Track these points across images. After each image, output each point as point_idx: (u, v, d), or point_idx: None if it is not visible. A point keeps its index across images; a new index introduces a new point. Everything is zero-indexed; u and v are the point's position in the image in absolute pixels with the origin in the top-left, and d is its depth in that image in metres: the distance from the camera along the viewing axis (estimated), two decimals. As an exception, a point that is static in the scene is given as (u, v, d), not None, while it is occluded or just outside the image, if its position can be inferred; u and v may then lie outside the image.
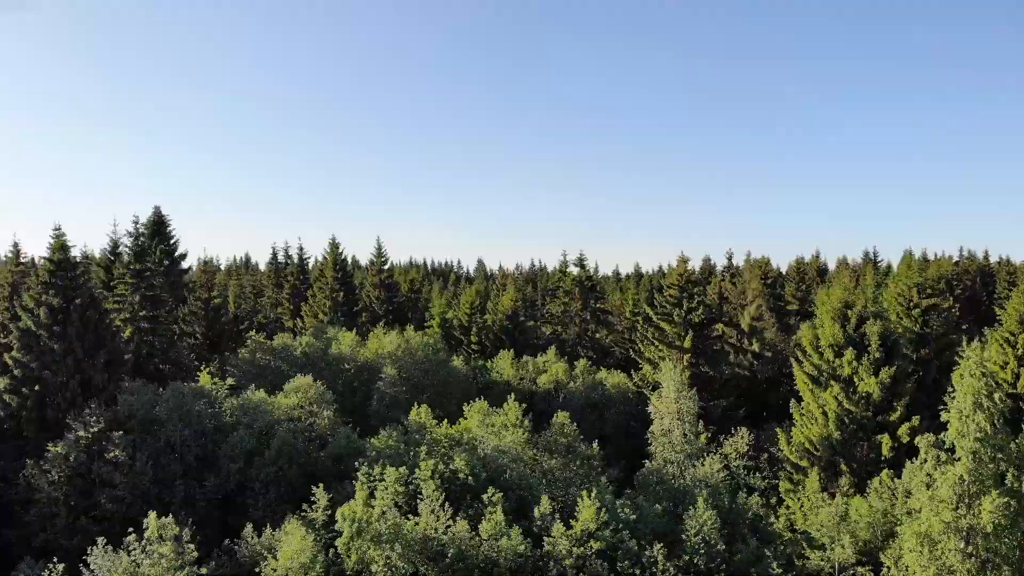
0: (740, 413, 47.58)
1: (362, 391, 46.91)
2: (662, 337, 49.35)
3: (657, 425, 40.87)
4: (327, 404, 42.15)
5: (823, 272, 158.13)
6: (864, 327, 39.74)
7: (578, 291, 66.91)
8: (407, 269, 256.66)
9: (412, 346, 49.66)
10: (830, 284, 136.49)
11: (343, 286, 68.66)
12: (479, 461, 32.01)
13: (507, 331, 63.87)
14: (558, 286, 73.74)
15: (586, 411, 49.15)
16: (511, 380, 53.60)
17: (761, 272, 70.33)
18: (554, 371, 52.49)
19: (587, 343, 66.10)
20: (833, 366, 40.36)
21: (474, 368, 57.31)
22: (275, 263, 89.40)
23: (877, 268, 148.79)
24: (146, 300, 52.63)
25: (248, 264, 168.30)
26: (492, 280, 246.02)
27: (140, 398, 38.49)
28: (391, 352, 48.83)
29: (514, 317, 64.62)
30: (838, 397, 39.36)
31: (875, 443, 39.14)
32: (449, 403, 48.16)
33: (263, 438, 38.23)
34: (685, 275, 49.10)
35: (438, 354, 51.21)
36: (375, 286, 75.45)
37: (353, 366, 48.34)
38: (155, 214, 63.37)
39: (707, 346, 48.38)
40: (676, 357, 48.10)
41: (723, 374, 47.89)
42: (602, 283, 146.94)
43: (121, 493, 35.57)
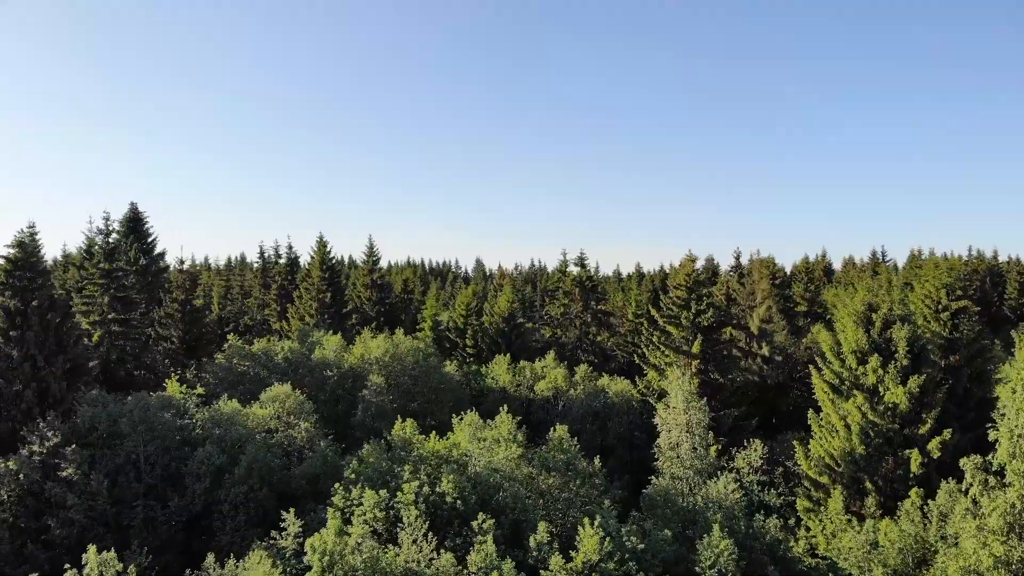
0: (752, 423, 44.46)
1: (346, 400, 43.81)
2: (668, 342, 46.23)
3: (664, 438, 37.76)
4: (306, 415, 39.08)
5: (829, 272, 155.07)
6: (890, 332, 36.60)
7: (578, 292, 63.77)
8: (403, 269, 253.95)
9: (401, 351, 46.54)
10: (838, 284, 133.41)
11: (330, 287, 65.47)
12: (469, 482, 28.88)
13: (503, 334, 60.74)
14: (557, 287, 70.63)
15: (587, 421, 46.08)
16: (507, 387, 50.50)
17: (769, 272, 67.25)
18: (553, 377, 49.39)
19: (588, 346, 62.98)
20: (856, 374, 37.22)
21: (468, 374, 54.19)
22: (263, 262, 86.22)
23: (884, 268, 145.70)
24: (116, 301, 49.59)
25: (244, 264, 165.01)
26: (490, 280, 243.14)
27: (101, 409, 35.34)
28: (378, 358, 45.72)
29: (511, 319, 61.49)
30: (862, 408, 36.22)
31: (903, 459, 36.00)
32: (441, 412, 45.06)
33: (235, 453, 35.11)
34: (692, 275, 45.99)
35: (429, 359, 48.10)
36: (366, 287, 72.28)
37: (337, 373, 45.21)
38: (131, 211, 60.25)
39: (717, 351, 45.27)
40: (683, 363, 44.99)
41: (734, 381, 44.80)
42: (603, 283, 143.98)
43: (74, 515, 32.48)
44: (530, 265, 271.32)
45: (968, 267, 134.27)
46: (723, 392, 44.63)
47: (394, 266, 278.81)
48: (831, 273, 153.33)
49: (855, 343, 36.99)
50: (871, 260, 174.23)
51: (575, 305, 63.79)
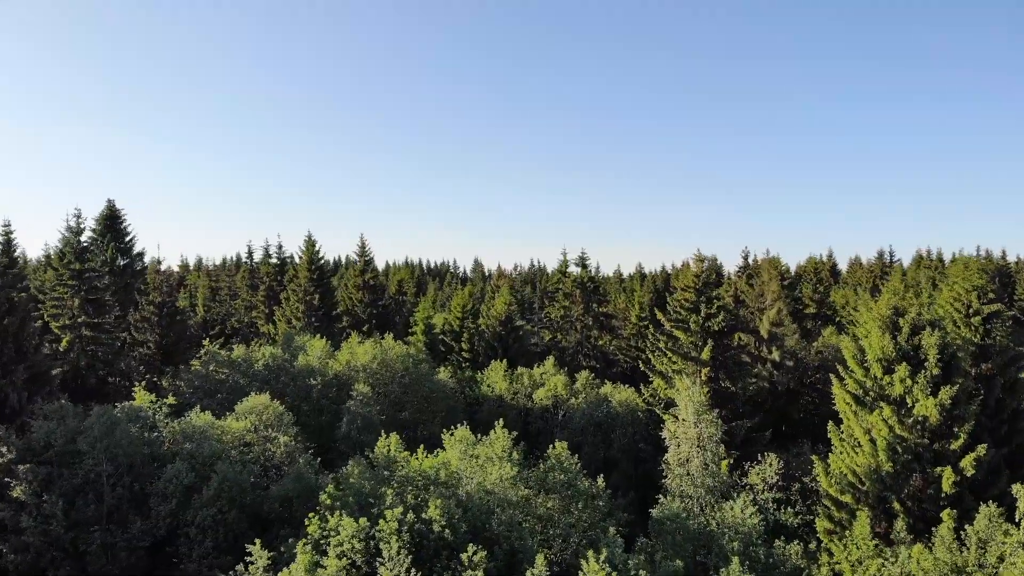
0: (767, 435, 41.70)
1: (331, 410, 41.04)
2: (676, 347, 43.45)
3: (673, 453, 34.99)
4: (286, 427, 36.31)
5: (835, 272, 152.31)
6: (919, 338, 33.80)
7: (579, 293, 60.97)
8: (400, 269, 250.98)
9: (390, 358, 43.76)
10: (845, 285, 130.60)
11: (319, 288, 62.67)
12: (459, 507, 26.09)
13: (500, 338, 57.96)
14: (557, 288, 67.86)
15: (588, 432, 43.32)
16: (504, 395, 47.73)
17: (778, 273, 64.48)
18: (552, 385, 46.62)
19: (589, 351, 60.21)
20: (881, 384, 34.43)
21: (462, 381, 51.40)
22: (250, 263, 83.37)
23: (899, 269, 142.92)
24: (88, 304, 46.78)
25: (239, 264, 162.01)
26: (488, 280, 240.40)
27: (57, 424, 32.51)
28: (365, 365, 42.93)
29: (508, 323, 58.71)
30: (889, 421, 33.42)
31: (933, 477, 33.19)
32: (432, 422, 42.32)
33: (206, 471, 32.31)
34: (701, 276, 43.21)
35: (420, 366, 45.31)
36: (358, 288, 69.46)
37: (321, 381, 42.42)
38: (108, 208, 57.43)
39: (727, 357, 42.52)
40: (692, 370, 42.22)
41: (746, 390, 42.04)
42: (605, 284, 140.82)
43: (29, 539, 29.73)
44: (530, 265, 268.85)
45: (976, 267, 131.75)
46: (735, 401, 41.87)
47: (392, 266, 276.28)
48: (837, 274, 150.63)
49: (881, 350, 34.20)
50: (877, 260, 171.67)
51: (576, 308, 61.00)
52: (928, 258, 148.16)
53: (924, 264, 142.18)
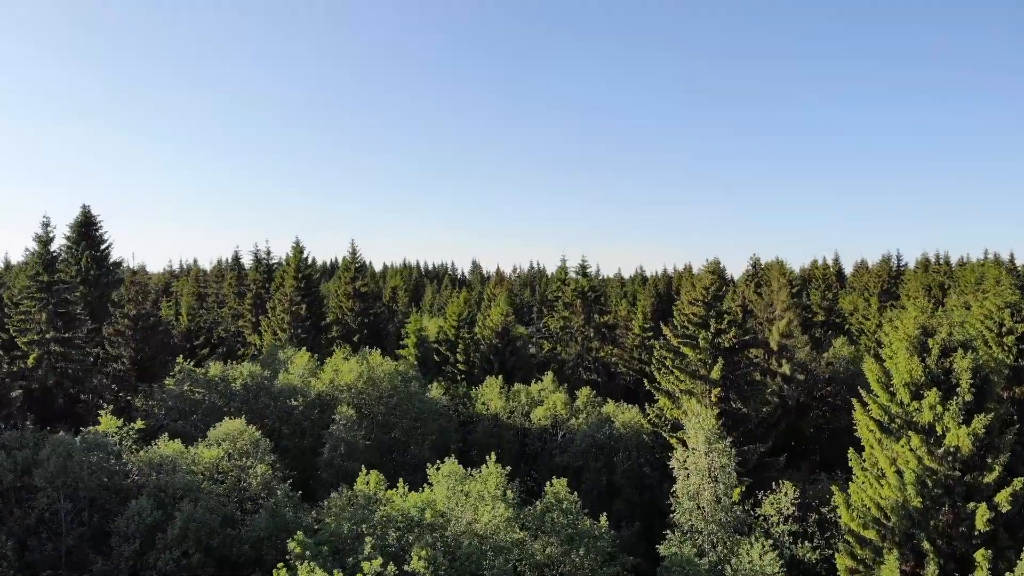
0: (781, 460, 39.16)
1: (313, 433, 38.50)
2: (683, 365, 40.91)
3: (682, 485, 32.44)
4: (262, 455, 33.73)
5: (841, 277, 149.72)
6: (950, 360, 31.24)
7: (579, 304, 58.37)
8: (399, 271, 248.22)
9: (377, 376, 41.18)
10: (852, 290, 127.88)
11: (306, 298, 60.07)
12: (447, 555, 23.52)
13: (497, 351, 55.41)
14: (557, 296, 65.25)
15: (590, 456, 40.79)
16: (500, 413, 45.20)
17: (787, 281, 61.92)
18: (552, 403, 44.09)
19: (590, 364, 57.65)
20: (909, 410, 31.88)
21: (456, 397, 48.83)
22: (238, 268, 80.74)
23: (901, 273, 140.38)
24: (57, 318, 44.16)
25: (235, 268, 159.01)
26: (487, 283, 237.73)
27: (9, 455, 29.96)
28: (350, 384, 40.36)
29: (505, 334, 56.16)
30: (917, 452, 30.85)
31: (965, 512, 30.60)
32: (422, 445, 39.76)
33: (174, 507, 29.75)
34: (711, 290, 40.66)
35: (410, 384, 42.73)
36: (348, 296, 66.83)
37: (303, 402, 39.85)
38: (82, 214, 54.79)
39: (739, 376, 39.97)
40: (701, 390, 39.67)
41: (759, 412, 39.49)
42: (605, 291, 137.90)
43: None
44: (529, 267, 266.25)
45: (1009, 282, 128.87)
46: (747, 423, 39.34)
47: (390, 268, 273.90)
48: (843, 278, 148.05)
49: (908, 374, 31.65)
50: (882, 264, 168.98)
51: (576, 318, 58.42)
52: (936, 262, 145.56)
53: (932, 268, 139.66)
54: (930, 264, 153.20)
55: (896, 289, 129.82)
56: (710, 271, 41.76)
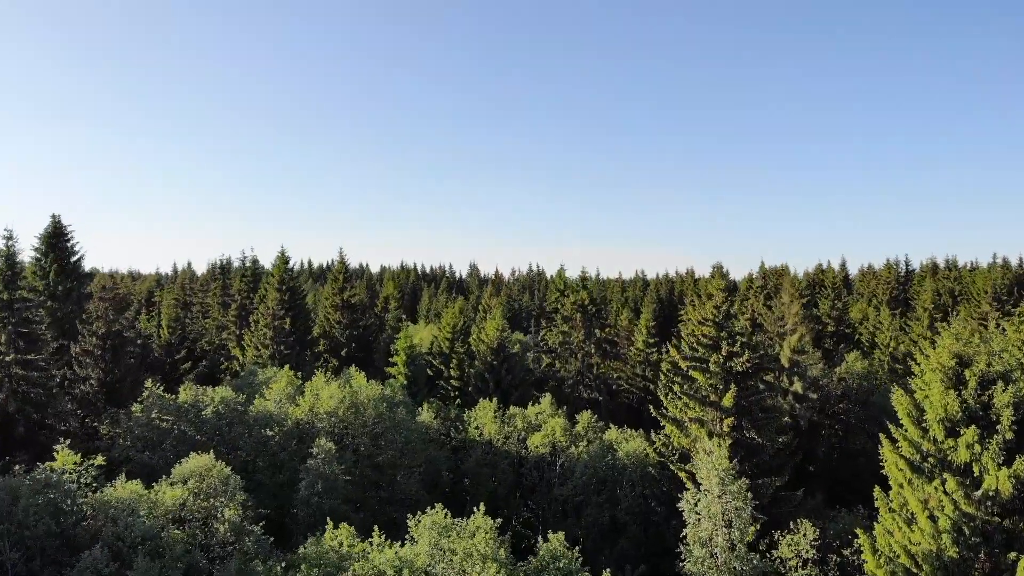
0: (798, 495, 36.35)
1: (291, 466, 35.69)
2: (693, 391, 38.13)
3: (692, 532, 29.63)
4: (232, 495, 30.91)
5: (848, 283, 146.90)
6: (989, 394, 28.46)
7: (580, 318, 55.56)
8: (396, 273, 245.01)
9: (360, 401, 38.34)
10: (859, 297, 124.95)
11: (290, 311, 57.20)
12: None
13: (492, 368, 52.60)
14: (555, 308, 62.40)
15: (591, 489, 37.96)
16: (494, 439, 42.38)
17: (797, 291, 59.09)
18: (550, 429, 41.30)
19: (591, 381, 54.84)
20: (943, 449, 29.10)
21: (447, 421, 46.00)
22: (223, 277, 77.81)
23: (910, 278, 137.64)
24: (19, 338, 41.31)
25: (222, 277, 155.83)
26: (485, 286, 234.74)
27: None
28: (330, 411, 37.52)
29: (501, 351, 53.33)
30: (953, 495, 28.06)
31: (1005, 563, 27.83)
32: (409, 479, 36.94)
33: (130, 558, 26.95)
34: (723, 308, 37.87)
35: (397, 410, 39.90)
36: (335, 308, 63.96)
37: (279, 431, 37.00)
38: (52, 225, 51.91)
39: (752, 403, 37.17)
40: (711, 417, 36.88)
41: (774, 441, 36.68)
42: (607, 304, 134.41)
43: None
44: (528, 270, 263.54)
45: (995, 277, 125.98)
46: (761, 454, 36.56)
47: (387, 271, 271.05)
48: (850, 284, 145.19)
49: (943, 409, 28.85)
50: (885, 269, 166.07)
51: (576, 333, 55.61)
52: (946, 267, 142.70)
53: (941, 274, 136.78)
54: (938, 269, 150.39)
55: (905, 295, 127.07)
56: (720, 288, 38.94)
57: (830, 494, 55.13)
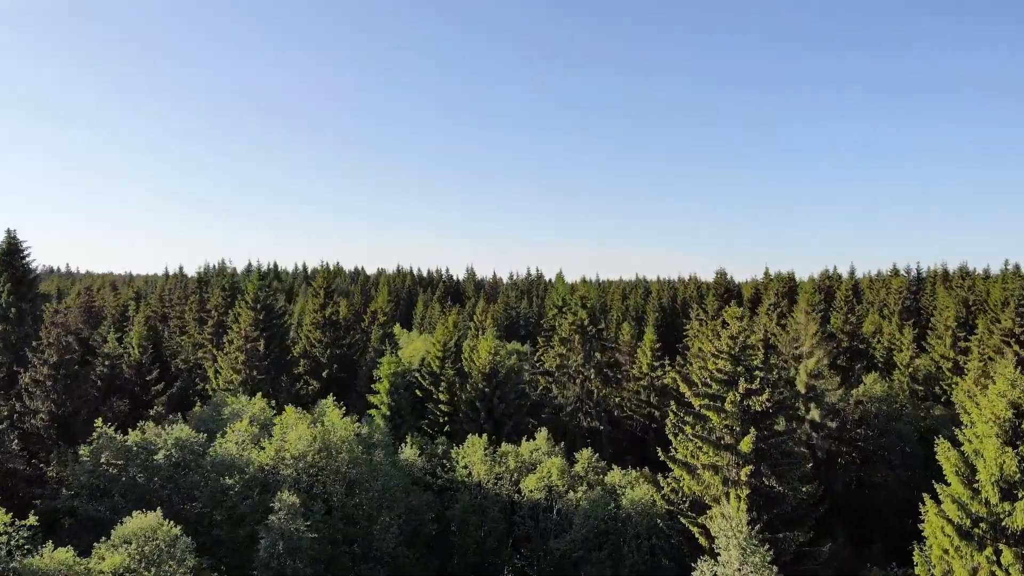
0: (824, 551, 32.62)
1: (253, 519, 31.85)
2: (706, 432, 34.42)
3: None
4: (181, 558, 27.18)
5: (858, 292, 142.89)
6: (1052, 451, 24.78)
7: (578, 339, 51.74)
8: (392, 278, 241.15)
9: (333, 443, 34.55)
10: (870, 307, 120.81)
11: (265, 331, 53.32)
12: None
13: (484, 397, 48.80)
14: (552, 327, 58.62)
15: (592, 543, 34.21)
16: (483, 481, 38.64)
17: (811, 307, 55.24)
18: (546, 471, 37.58)
19: (590, 408, 51.05)
20: (997, 513, 25.38)
21: (433, 458, 42.25)
22: (200, 290, 73.91)
23: (921, 286, 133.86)
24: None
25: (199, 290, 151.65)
26: (482, 290, 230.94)
27: None
28: (296, 456, 33.72)
29: (493, 376, 49.51)
30: (1009, 570, 24.36)
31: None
32: (387, 533, 33.14)
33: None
34: (739, 339, 34.14)
35: (374, 453, 36.12)
36: (316, 325, 60.12)
37: (239, 480, 33.17)
38: (6, 241, 48.09)
39: (772, 446, 33.41)
40: (727, 462, 33.15)
41: (796, 491, 32.92)
42: (608, 313, 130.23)
43: None
44: (527, 274, 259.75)
45: (1006, 290, 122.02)
46: (782, 504, 32.81)
47: (382, 273, 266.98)
48: (859, 293, 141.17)
49: (999, 468, 25.14)
50: (893, 275, 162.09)
51: (574, 356, 51.81)
52: (961, 275, 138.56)
53: (955, 283, 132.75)
54: (949, 276, 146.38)
55: (916, 305, 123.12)
56: (735, 316, 35.21)
57: (851, 532, 51.43)
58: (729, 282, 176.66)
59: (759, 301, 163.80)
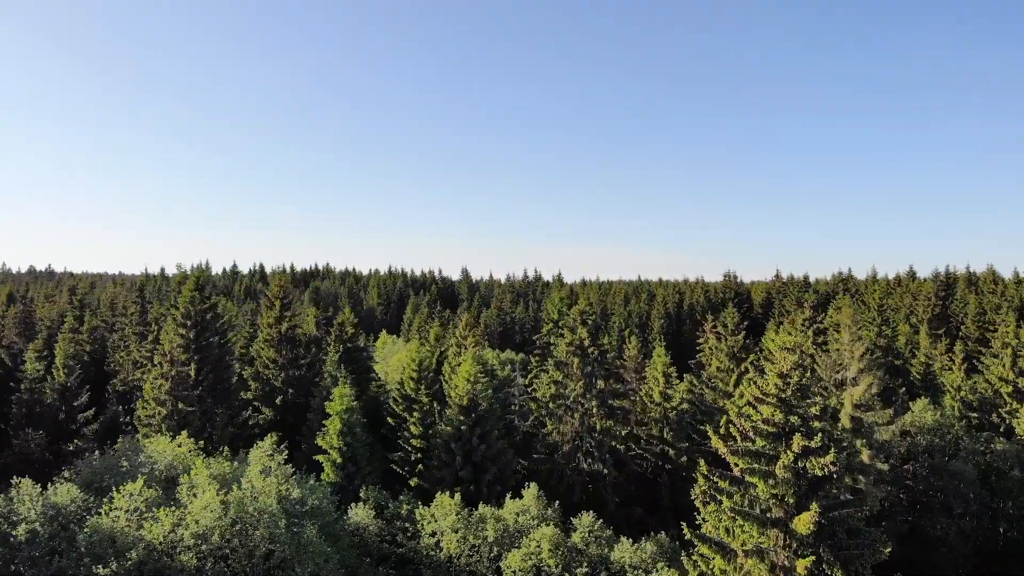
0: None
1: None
2: (747, 504, 25.96)
3: None
4: None
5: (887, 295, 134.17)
6: None
7: (577, 363, 43.15)
8: (383, 280, 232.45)
9: (249, 514, 26.01)
10: (895, 314, 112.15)
11: (198, 352, 44.66)
12: None
13: (460, 437, 40.21)
14: (547, 345, 50.11)
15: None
16: (454, 556, 30.14)
17: (858, 327, 46.77)
18: (534, 545, 29.11)
19: (591, 447, 42.44)
20: None
21: (393, 522, 33.74)
22: (141, 300, 65.23)
23: (950, 292, 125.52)
24: None
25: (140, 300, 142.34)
26: (476, 292, 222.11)
27: None
28: (207, 529, 25.21)
29: (473, 409, 40.97)
30: None
31: None
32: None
33: None
34: (794, 382, 25.72)
35: (304, 529, 27.57)
36: (269, 343, 51.54)
37: (120, 567, 24.68)
38: None
39: (836, 522, 25.01)
40: (776, 543, 24.75)
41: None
42: (609, 319, 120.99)
43: None
44: (524, 276, 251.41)
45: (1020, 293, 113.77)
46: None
47: (372, 276, 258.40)
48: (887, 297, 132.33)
49: None
50: (908, 276, 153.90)
51: (572, 383, 43.22)
52: (991, 280, 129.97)
53: (986, 287, 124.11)
54: (976, 280, 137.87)
55: (945, 311, 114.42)
56: (789, 347, 26.83)
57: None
58: (739, 285, 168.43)
59: (770, 305, 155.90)
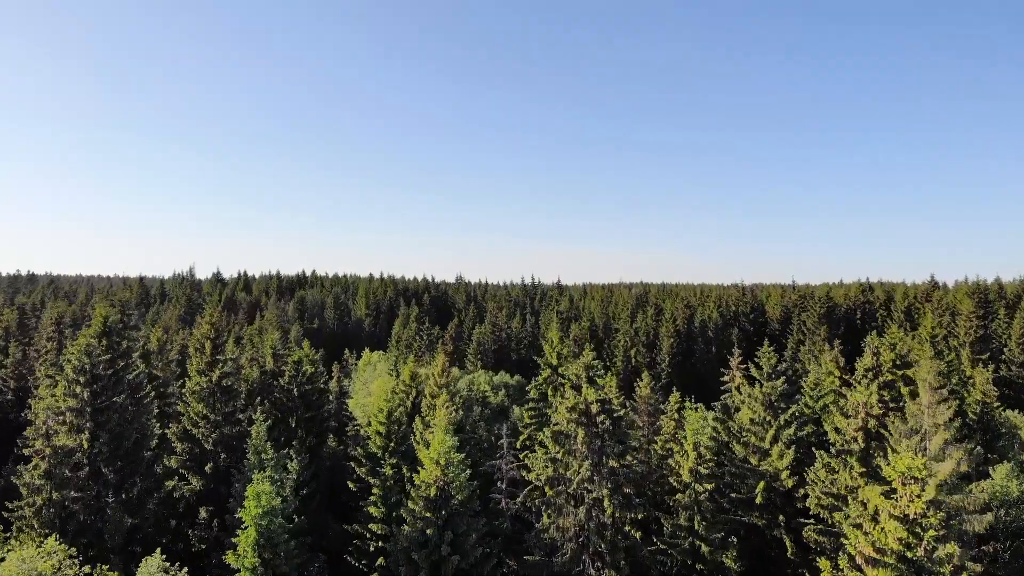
0: None
1: None
2: None
3: None
4: None
5: (914, 307, 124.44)
6: None
7: (582, 435, 33.28)
8: (374, 289, 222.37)
9: None
10: (963, 345, 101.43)
11: (97, 419, 34.88)
12: None
13: (425, 541, 30.48)
14: (539, 412, 40.31)
15: None
16: None
17: (938, 385, 37.01)
18: None
19: (603, 548, 32.58)
20: None
21: None
22: (59, 333, 55.30)
23: (990, 309, 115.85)
24: None
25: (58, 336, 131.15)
26: (473, 301, 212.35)
27: None
28: None
29: (444, 500, 31.20)
30: None
31: None
32: None
33: None
34: (931, 488, 16.02)
35: None
36: (198, 395, 41.75)
37: None
38: None
39: None
40: None
41: None
42: (613, 337, 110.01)
43: None
44: (521, 283, 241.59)
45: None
46: None
47: (362, 279, 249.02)
48: (914, 310, 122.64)
49: None
50: (930, 286, 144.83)
51: (576, 464, 33.30)
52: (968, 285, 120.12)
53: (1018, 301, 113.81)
54: (1005, 293, 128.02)
55: (986, 331, 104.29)
56: (917, 475, 17.15)
57: None
58: (753, 298, 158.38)
59: (788, 320, 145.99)
